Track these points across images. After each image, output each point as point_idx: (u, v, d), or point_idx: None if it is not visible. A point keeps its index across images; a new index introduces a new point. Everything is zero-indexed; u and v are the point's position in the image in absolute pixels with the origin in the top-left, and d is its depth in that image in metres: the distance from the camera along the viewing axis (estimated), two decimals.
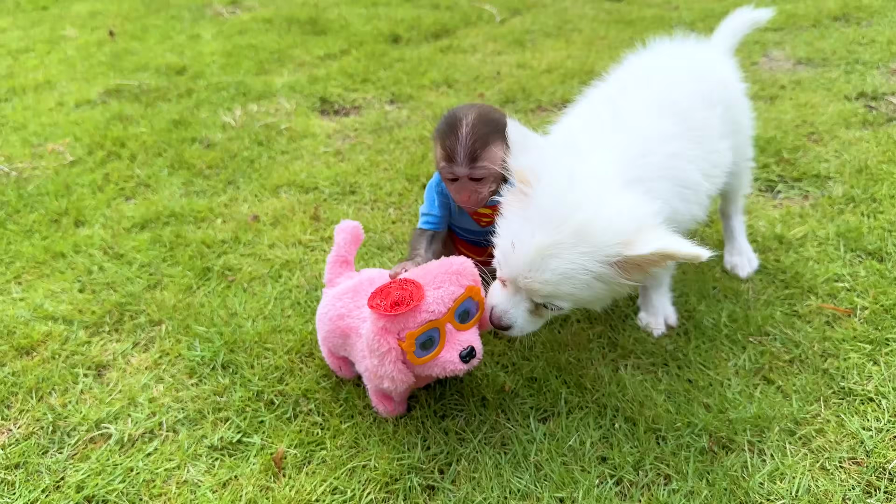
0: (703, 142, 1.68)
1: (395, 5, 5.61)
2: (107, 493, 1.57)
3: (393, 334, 1.45)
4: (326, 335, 1.73)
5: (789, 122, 3.20)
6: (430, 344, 1.48)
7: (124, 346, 2.01)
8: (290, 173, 2.95)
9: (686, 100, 1.70)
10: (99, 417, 1.76)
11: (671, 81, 1.76)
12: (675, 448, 1.58)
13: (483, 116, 1.70)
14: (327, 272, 1.81)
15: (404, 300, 1.43)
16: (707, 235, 2.44)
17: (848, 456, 1.56)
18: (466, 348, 1.50)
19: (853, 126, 3.13)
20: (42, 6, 6.21)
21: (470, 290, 1.53)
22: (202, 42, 4.80)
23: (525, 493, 1.50)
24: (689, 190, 1.64)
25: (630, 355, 1.88)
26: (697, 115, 1.70)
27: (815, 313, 1.99)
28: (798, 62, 4.05)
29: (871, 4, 4.84)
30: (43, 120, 3.61)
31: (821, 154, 2.89)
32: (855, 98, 3.44)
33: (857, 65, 3.87)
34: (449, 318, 1.49)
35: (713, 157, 1.71)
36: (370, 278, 1.76)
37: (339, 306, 1.70)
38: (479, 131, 1.67)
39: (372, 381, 1.59)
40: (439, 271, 1.52)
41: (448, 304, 1.48)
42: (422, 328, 1.45)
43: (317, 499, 1.52)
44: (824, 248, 2.27)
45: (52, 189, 2.86)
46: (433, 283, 1.49)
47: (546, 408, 1.72)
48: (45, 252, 2.45)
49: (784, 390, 1.74)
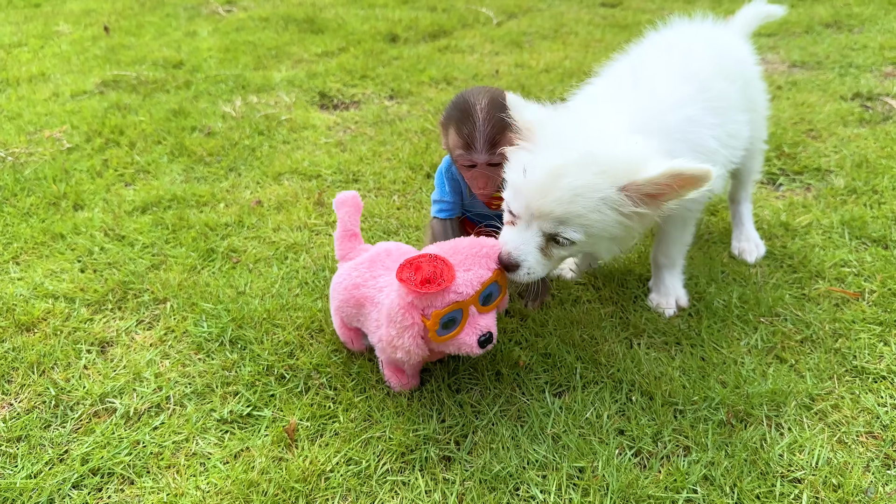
0: (721, 112, 1.68)
1: (393, 7, 5.62)
2: (113, 465, 1.53)
3: (418, 310, 1.44)
4: (340, 304, 1.70)
5: (787, 120, 3.23)
6: (452, 324, 1.47)
7: (128, 323, 1.97)
8: (292, 161, 2.93)
9: (706, 71, 1.71)
10: (103, 392, 1.73)
11: (692, 53, 1.77)
12: (693, 421, 1.57)
13: (495, 101, 1.69)
14: (338, 248, 1.79)
15: (435, 279, 1.41)
16: (713, 224, 2.45)
17: (865, 430, 1.56)
18: (486, 334, 1.49)
19: (850, 124, 3.16)
20: (35, 3, 6.16)
21: (496, 273, 1.52)
22: (199, 38, 4.78)
23: (543, 464, 1.48)
24: (704, 156, 1.64)
25: (643, 334, 1.87)
26: (717, 85, 1.70)
27: (824, 296, 1.99)
28: (793, 65, 4.10)
29: (862, 13, 4.92)
30: (38, 109, 3.57)
31: (820, 149, 2.91)
32: (851, 98, 3.47)
33: (850, 68, 3.92)
34: (474, 300, 1.48)
35: (731, 128, 1.72)
36: (387, 250, 1.74)
37: (355, 276, 1.68)
38: (495, 117, 1.67)
39: (385, 352, 1.57)
40: (470, 252, 1.51)
41: (476, 286, 1.47)
42: (448, 308, 1.44)
43: (331, 469, 1.49)
44: (829, 235, 2.28)
45: (50, 174, 2.82)
46: (463, 265, 1.48)
47: (561, 382, 1.70)
48: (43, 233, 2.41)
49: (797, 368, 1.74)
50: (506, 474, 1.45)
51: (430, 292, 1.40)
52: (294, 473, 1.47)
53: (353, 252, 1.77)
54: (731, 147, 1.72)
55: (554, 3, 5.96)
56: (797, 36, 4.65)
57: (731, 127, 1.72)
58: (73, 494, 1.47)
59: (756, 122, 1.99)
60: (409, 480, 1.46)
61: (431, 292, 1.41)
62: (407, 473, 1.48)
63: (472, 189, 1.81)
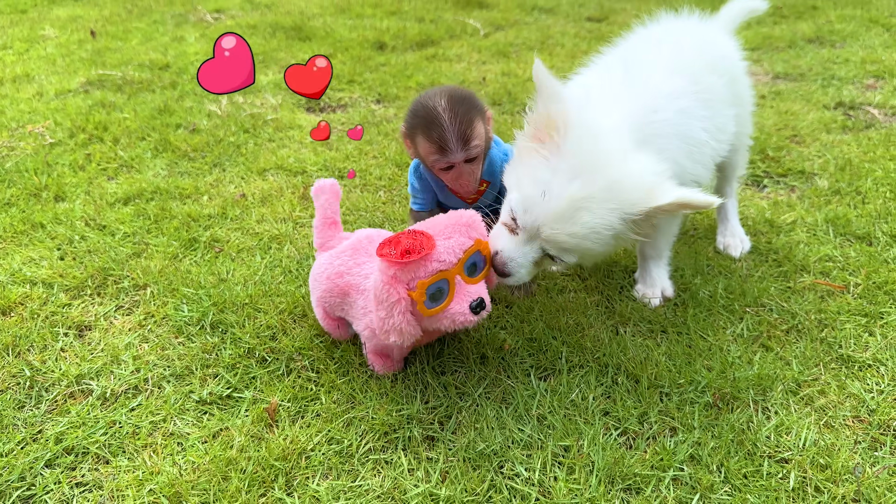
0: (710, 105, 1.69)
1: (380, 17, 5.65)
2: (88, 444, 1.49)
3: (403, 284, 1.40)
4: (322, 294, 1.68)
5: (772, 126, 3.26)
6: (440, 295, 1.44)
7: (107, 308, 1.94)
8: (277, 158, 2.91)
9: (696, 64, 1.72)
10: (79, 373, 1.69)
11: (681, 46, 1.78)
12: (679, 403, 1.56)
13: (455, 97, 1.69)
14: (317, 237, 1.76)
15: (415, 248, 1.39)
16: (698, 221, 2.46)
17: (851, 414, 1.55)
18: (476, 299, 1.45)
19: (833, 131, 3.19)
20: (21, 10, 6.13)
21: (479, 243, 1.49)
22: (186, 43, 4.77)
23: (528, 443, 1.45)
24: (695, 148, 1.65)
25: (628, 322, 1.86)
26: (706, 78, 1.72)
27: (809, 289, 1.99)
28: (776, 77, 4.15)
29: (843, 29, 5.00)
30: (21, 107, 3.53)
31: (804, 154, 2.94)
32: (833, 107, 3.52)
33: (833, 80, 3.97)
34: (458, 269, 1.45)
35: (719, 121, 1.73)
36: (368, 236, 1.72)
37: (338, 264, 1.66)
38: (461, 113, 1.67)
39: (375, 338, 1.54)
40: (448, 222, 1.49)
41: (458, 254, 1.45)
42: (432, 278, 1.41)
43: (312, 448, 1.46)
44: (814, 232, 2.29)
45: (32, 166, 2.78)
46: (443, 234, 1.46)
47: (546, 366, 1.69)
48: (23, 223, 2.37)
49: (783, 356, 1.73)
50: (490, 452, 1.42)
51: (411, 261, 1.38)
52: (274, 452, 1.44)
53: (333, 240, 1.74)
54: (719, 140, 1.74)
55: (540, 16, 6.02)
56: (780, 50, 4.71)
57: (720, 120, 1.73)
58: (46, 473, 1.43)
59: (742, 116, 2.01)
60: (391, 459, 1.44)
61: (412, 261, 1.38)
62: (390, 452, 1.45)
63: (454, 188, 1.80)
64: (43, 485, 1.40)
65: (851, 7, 5.66)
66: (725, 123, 1.78)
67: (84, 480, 1.42)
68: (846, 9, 5.61)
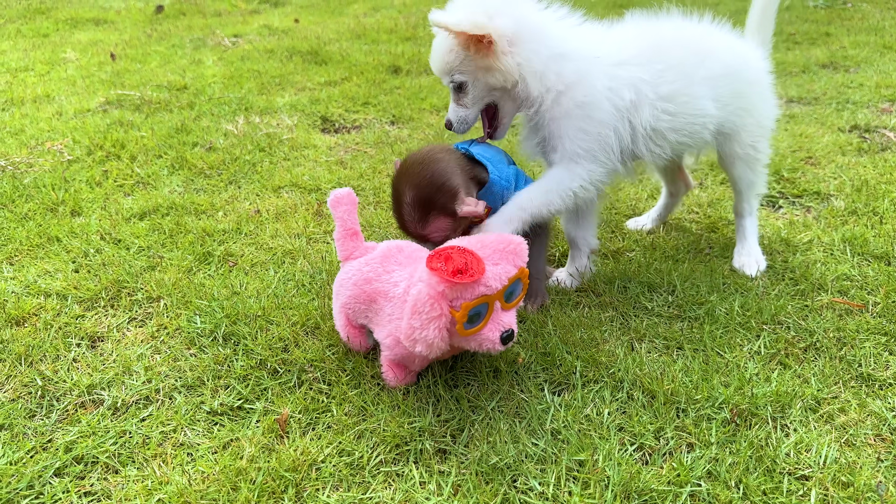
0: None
1: (396, 42, 5.71)
2: (97, 454, 1.48)
3: (447, 301, 1.39)
4: (347, 300, 1.67)
5: (786, 149, 3.24)
6: (477, 318, 1.43)
7: (120, 320, 1.94)
8: (292, 176, 2.93)
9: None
10: (91, 383, 1.68)
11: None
12: (696, 419, 1.53)
13: (421, 195, 1.76)
14: (340, 249, 1.75)
15: (467, 269, 1.39)
16: (713, 239, 2.44)
17: (873, 433, 1.51)
18: (507, 330, 1.45)
19: (849, 153, 3.17)
20: (43, 34, 6.25)
21: (522, 271, 1.49)
22: (204, 66, 4.84)
23: (542, 458, 1.43)
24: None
25: (644, 338, 1.84)
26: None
27: (827, 307, 1.97)
28: (790, 100, 4.14)
29: (857, 55, 5.00)
30: (41, 126, 3.58)
31: (819, 175, 2.92)
32: (848, 130, 3.50)
33: (847, 104, 3.96)
34: (499, 296, 1.45)
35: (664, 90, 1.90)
36: (398, 246, 1.72)
37: (367, 271, 1.65)
38: (418, 212, 1.77)
39: (397, 347, 1.53)
40: (497, 247, 1.48)
41: (503, 281, 1.44)
42: (476, 301, 1.40)
43: (323, 459, 1.44)
44: (831, 251, 2.27)
45: (50, 182, 2.81)
46: (492, 259, 1.45)
47: (560, 381, 1.67)
48: (39, 236, 2.39)
49: (802, 374, 1.70)
50: (503, 466, 1.40)
51: (463, 282, 1.37)
52: (284, 462, 1.42)
53: (356, 251, 1.74)
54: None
55: None
56: (794, 75, 4.72)
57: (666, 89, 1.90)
58: (55, 482, 1.42)
59: (747, 126, 2.09)
60: (403, 472, 1.42)
61: (464, 282, 1.37)
62: (401, 465, 1.43)
63: None
64: (51, 493, 1.39)
65: (865, 33, 5.67)
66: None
67: (93, 490, 1.41)
68: (860, 35, 5.61)
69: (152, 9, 7.22)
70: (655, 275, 2.11)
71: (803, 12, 6.85)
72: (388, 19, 6.73)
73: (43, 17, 6.90)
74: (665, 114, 1.90)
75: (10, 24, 6.66)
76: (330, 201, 1.73)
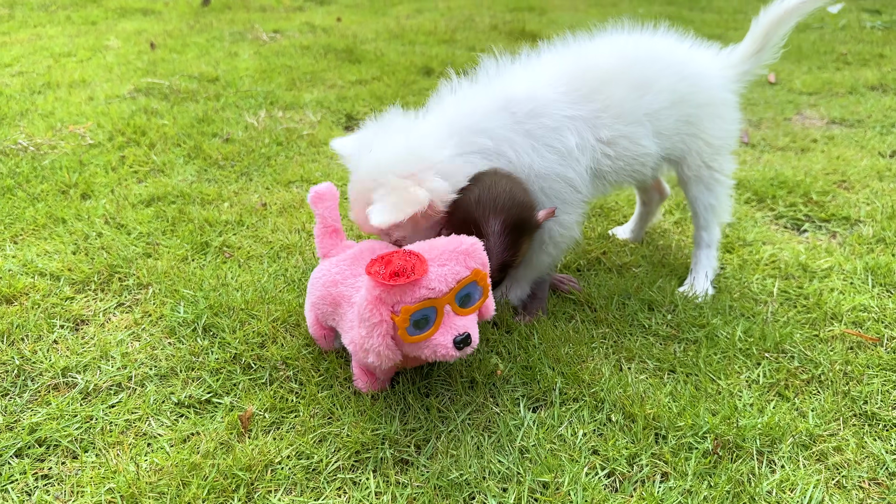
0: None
1: (432, 44, 5.68)
2: (60, 438, 1.47)
3: (387, 306, 1.34)
4: (316, 301, 1.63)
5: (819, 171, 3.10)
6: (425, 323, 1.37)
7: (107, 304, 1.93)
8: (304, 171, 2.91)
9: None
10: (66, 366, 1.67)
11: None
12: (676, 447, 1.44)
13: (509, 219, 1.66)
14: (320, 246, 1.71)
15: (405, 271, 1.33)
16: (727, 261, 2.33)
17: (868, 476, 1.41)
18: (462, 334, 1.38)
19: (886, 178, 3.02)
20: (91, 21, 6.39)
21: (476, 273, 1.41)
22: (238, 59, 4.87)
23: (506, 476, 1.36)
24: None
25: (635, 358, 1.75)
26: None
27: (838, 339, 1.85)
28: (832, 122, 3.98)
29: None
30: (71, 110, 3.63)
31: (851, 200, 2.78)
32: (889, 155, 3.34)
33: (893, 128, 3.78)
34: (449, 299, 1.38)
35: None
36: (371, 248, 1.67)
37: (335, 272, 1.61)
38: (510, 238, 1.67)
39: (357, 354, 1.48)
40: (446, 248, 1.41)
41: (451, 283, 1.37)
42: (419, 305, 1.34)
43: (280, 461, 1.40)
44: (851, 280, 2.14)
45: (66, 164, 2.84)
46: (438, 260, 1.38)
47: (538, 397, 1.59)
48: (46, 217, 2.40)
49: (800, 407, 1.60)
50: (463, 482, 1.34)
51: (398, 284, 1.31)
52: (240, 461, 1.38)
53: (336, 249, 1.70)
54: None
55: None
56: (840, 96, 4.54)
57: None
58: (14, 462, 1.41)
59: (697, 144, 1.98)
60: (359, 480, 1.36)
61: (399, 284, 1.31)
62: (359, 472, 1.38)
63: None
64: (8, 474, 1.38)
65: None
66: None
67: (50, 473, 1.39)
68: None
69: (199, 1, 7.33)
70: (658, 292, 2.02)
71: (858, 32, 6.60)
72: (428, 21, 6.70)
73: (94, 6, 7.06)
74: (605, 157, 1.81)
75: (63, 10, 6.83)
76: (310, 197, 1.68)
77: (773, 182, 2.88)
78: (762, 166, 3.15)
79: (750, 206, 2.75)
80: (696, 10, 8.01)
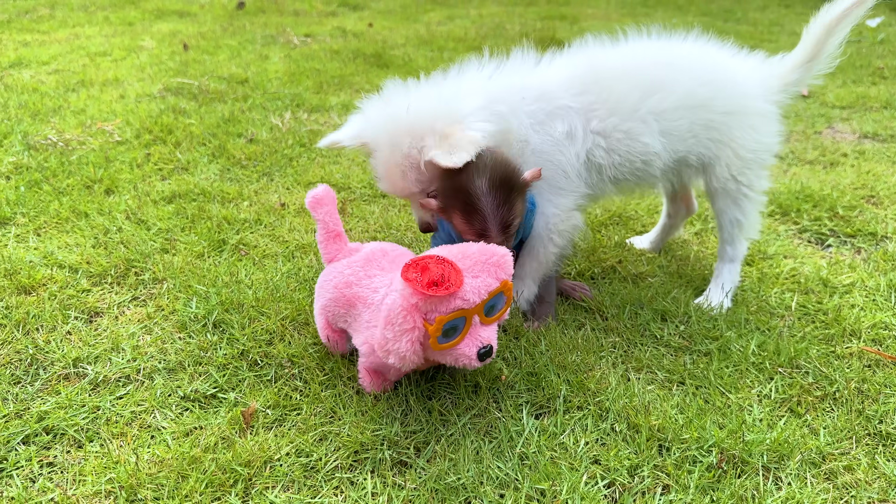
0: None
1: (462, 50, 5.69)
2: (66, 426, 1.49)
3: (421, 314, 1.34)
4: (327, 303, 1.63)
5: (848, 185, 3.04)
6: (454, 332, 1.37)
7: (122, 297, 1.96)
8: (325, 173, 2.93)
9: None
10: (78, 356, 1.70)
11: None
12: (679, 460, 1.42)
13: (496, 177, 1.68)
14: (324, 252, 1.70)
15: (443, 282, 1.32)
16: (746, 273, 2.29)
17: (878, 497, 1.37)
18: (486, 346, 1.39)
19: None
20: (128, 22, 6.52)
21: (504, 284, 1.42)
22: (269, 62, 4.93)
23: (504, 482, 1.35)
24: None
25: (644, 368, 1.73)
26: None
27: (856, 356, 1.81)
28: (864, 136, 3.90)
29: None
30: (101, 107, 3.71)
31: (879, 215, 2.72)
32: None
33: None
34: (479, 309, 1.39)
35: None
36: (382, 249, 1.67)
37: (348, 273, 1.61)
38: (502, 197, 1.68)
39: (373, 354, 1.47)
40: (479, 258, 1.41)
41: (482, 295, 1.38)
42: (452, 315, 1.34)
43: (279, 458, 1.40)
44: (873, 297, 2.09)
45: (93, 160, 2.90)
46: (472, 271, 1.39)
47: (542, 403, 1.58)
48: (70, 211, 2.45)
49: (811, 425, 1.56)
50: (459, 485, 1.33)
51: (438, 295, 1.31)
52: (240, 456, 1.39)
53: (340, 254, 1.69)
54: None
55: None
56: (874, 110, 4.44)
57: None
58: (21, 449, 1.43)
59: (727, 157, 1.95)
60: (357, 480, 1.36)
61: (439, 295, 1.31)
62: (357, 472, 1.38)
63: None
64: (15, 461, 1.40)
65: None
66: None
67: (55, 462, 1.41)
68: None
69: (234, 4, 7.44)
70: (672, 303, 1.99)
71: None
72: (459, 28, 6.72)
73: (132, 7, 7.21)
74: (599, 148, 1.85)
75: (101, 11, 6.98)
76: (308, 202, 1.65)
77: (798, 195, 2.82)
78: (788, 179, 3.09)
79: (774, 219, 2.70)
80: (731, 21, 7.92)
